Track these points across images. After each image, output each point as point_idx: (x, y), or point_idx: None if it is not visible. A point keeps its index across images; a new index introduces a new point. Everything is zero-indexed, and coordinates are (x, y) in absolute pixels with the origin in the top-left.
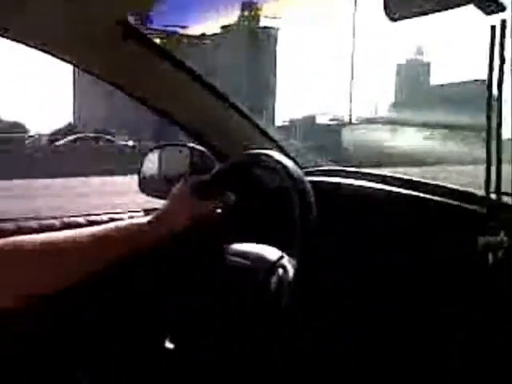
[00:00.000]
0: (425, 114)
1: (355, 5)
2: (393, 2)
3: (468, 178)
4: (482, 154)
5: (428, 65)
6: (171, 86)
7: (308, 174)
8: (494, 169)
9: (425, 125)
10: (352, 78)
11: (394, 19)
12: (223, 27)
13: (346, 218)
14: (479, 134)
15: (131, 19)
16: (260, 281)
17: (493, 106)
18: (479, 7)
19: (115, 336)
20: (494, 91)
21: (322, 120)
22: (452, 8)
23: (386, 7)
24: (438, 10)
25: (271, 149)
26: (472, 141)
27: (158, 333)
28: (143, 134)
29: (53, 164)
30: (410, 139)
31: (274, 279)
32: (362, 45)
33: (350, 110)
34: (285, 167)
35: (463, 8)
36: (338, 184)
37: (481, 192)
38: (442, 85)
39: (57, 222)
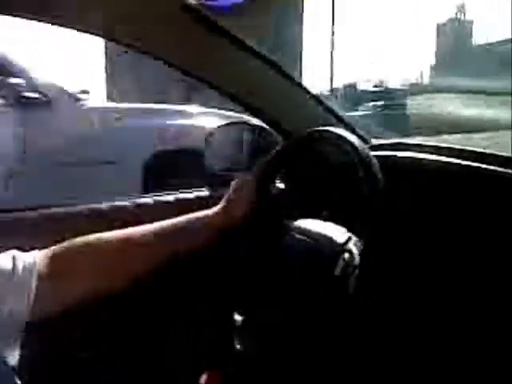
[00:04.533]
0: (471, 78)
1: None
2: None
3: None
4: None
5: (471, 23)
6: (234, 64)
7: (372, 148)
8: None
9: (478, 91)
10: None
11: None
12: None
13: (411, 193)
14: None
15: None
16: (325, 265)
17: None
18: None
19: (186, 312)
20: None
21: (364, 87)
22: None
23: None
24: None
25: (335, 125)
26: None
27: (226, 308)
28: None
29: None
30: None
31: (339, 264)
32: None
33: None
34: (350, 143)
35: None
36: (404, 158)
37: None
38: (490, 43)
39: (127, 203)
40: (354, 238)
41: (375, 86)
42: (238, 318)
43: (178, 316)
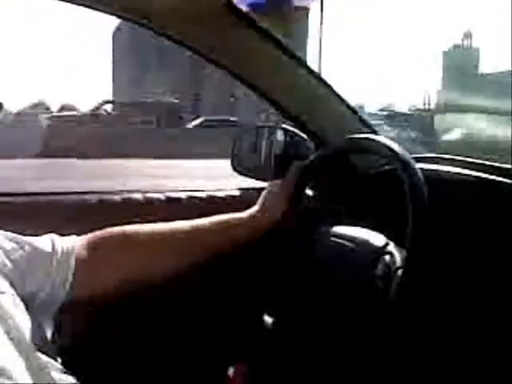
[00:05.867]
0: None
1: None
2: None
3: None
4: None
5: (477, 50)
6: (273, 67)
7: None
8: None
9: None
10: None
11: None
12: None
13: (450, 208)
14: None
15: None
16: (366, 265)
17: None
18: None
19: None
20: None
21: (371, 109)
22: None
23: None
24: None
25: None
26: None
27: (258, 308)
28: None
29: None
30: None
31: (380, 265)
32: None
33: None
34: (395, 153)
35: None
36: (446, 172)
37: None
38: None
39: (161, 196)
40: (392, 244)
41: (382, 110)
42: (268, 319)
43: (209, 309)
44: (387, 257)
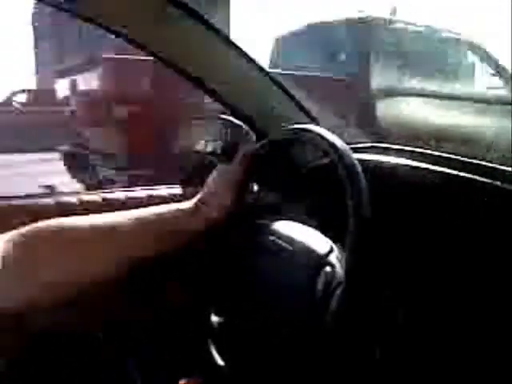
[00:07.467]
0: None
1: None
2: None
3: None
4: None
5: None
6: (214, 58)
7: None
8: None
9: None
10: None
11: None
12: None
13: (393, 201)
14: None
15: None
16: (305, 279)
17: None
18: None
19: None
20: None
21: None
22: None
23: None
24: None
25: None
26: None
27: (202, 310)
28: None
29: None
30: None
31: (320, 280)
32: None
33: None
34: (332, 144)
35: None
36: (385, 163)
37: None
38: None
39: (98, 198)
40: (337, 250)
41: None
42: (215, 319)
43: (153, 315)
44: (328, 268)
